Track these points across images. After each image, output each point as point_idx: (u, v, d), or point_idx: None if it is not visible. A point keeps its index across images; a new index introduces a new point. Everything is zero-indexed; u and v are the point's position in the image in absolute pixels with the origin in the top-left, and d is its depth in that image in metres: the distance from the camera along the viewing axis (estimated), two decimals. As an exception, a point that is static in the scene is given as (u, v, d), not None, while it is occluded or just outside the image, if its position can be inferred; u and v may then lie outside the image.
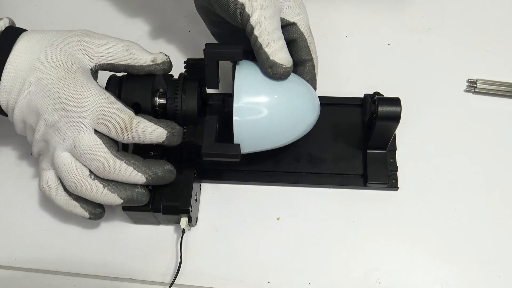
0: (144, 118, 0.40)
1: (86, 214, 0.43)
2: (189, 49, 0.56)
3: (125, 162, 0.40)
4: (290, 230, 0.47)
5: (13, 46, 0.39)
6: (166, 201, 0.44)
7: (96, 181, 0.40)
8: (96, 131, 0.39)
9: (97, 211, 0.44)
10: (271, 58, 0.40)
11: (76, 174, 0.39)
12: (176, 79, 0.44)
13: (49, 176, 0.41)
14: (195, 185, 0.46)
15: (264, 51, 0.40)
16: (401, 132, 0.50)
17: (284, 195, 0.49)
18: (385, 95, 0.52)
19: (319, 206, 0.48)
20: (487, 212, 0.47)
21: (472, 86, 0.52)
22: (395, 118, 0.43)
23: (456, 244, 0.46)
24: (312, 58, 0.44)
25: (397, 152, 0.49)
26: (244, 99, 0.40)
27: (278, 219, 0.48)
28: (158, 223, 0.48)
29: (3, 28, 0.40)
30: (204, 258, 0.46)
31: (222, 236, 0.47)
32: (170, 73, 0.46)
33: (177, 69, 0.45)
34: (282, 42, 0.41)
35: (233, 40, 0.47)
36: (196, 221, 0.48)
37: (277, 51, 0.40)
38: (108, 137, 0.40)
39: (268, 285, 0.45)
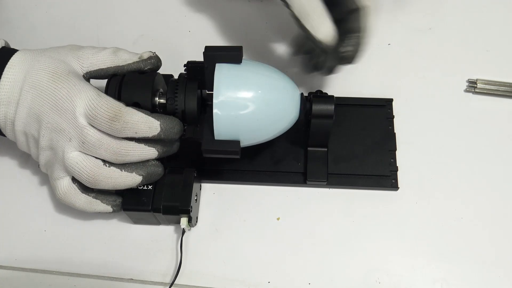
0: (134, 108, 0.40)
1: (109, 208, 0.44)
2: (189, 49, 0.56)
3: (135, 141, 0.41)
4: (290, 230, 0.47)
5: (8, 61, 0.40)
6: (166, 201, 0.44)
7: (112, 167, 0.41)
8: None
9: (118, 202, 0.44)
10: (315, 36, 0.40)
11: (92, 167, 0.40)
12: (176, 79, 0.44)
13: (64, 184, 0.42)
14: (195, 185, 0.46)
15: (306, 28, 0.40)
16: (401, 132, 0.50)
17: (284, 195, 0.49)
18: (385, 95, 0.52)
19: (319, 206, 0.48)
20: (487, 212, 0.47)
21: (472, 86, 0.52)
22: (329, 116, 0.44)
23: (456, 244, 0.46)
24: (361, 7, 0.42)
25: (397, 152, 0.49)
26: (224, 93, 0.40)
27: (278, 219, 0.48)
28: (158, 223, 0.48)
29: None
30: (204, 258, 0.47)
31: (222, 236, 0.47)
32: (170, 73, 0.46)
33: (177, 70, 0.45)
34: (325, 14, 0.40)
35: None
36: (196, 221, 0.48)
37: (319, 24, 0.40)
38: None
39: (268, 285, 0.45)
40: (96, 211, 0.44)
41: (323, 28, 0.40)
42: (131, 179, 0.42)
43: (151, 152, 0.42)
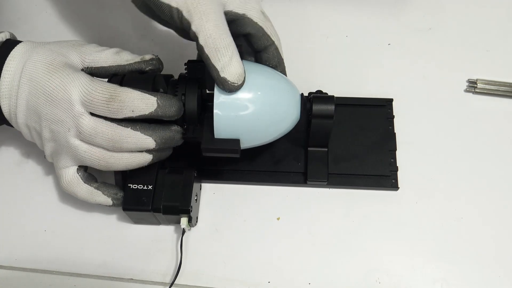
0: (130, 87, 0.40)
1: (110, 201, 0.44)
2: (189, 49, 0.56)
3: (131, 128, 0.40)
4: (290, 230, 0.47)
5: (9, 53, 0.40)
6: (166, 201, 0.44)
7: None
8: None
9: (119, 196, 0.45)
10: (221, 76, 0.38)
11: (101, 152, 0.40)
12: (176, 79, 0.44)
13: (68, 173, 0.42)
14: (195, 185, 0.46)
15: (214, 66, 0.38)
16: (401, 132, 0.50)
17: (284, 195, 0.49)
18: (385, 95, 0.52)
19: (319, 206, 0.48)
20: (487, 212, 0.47)
21: (472, 86, 0.52)
22: (329, 116, 0.44)
23: (456, 244, 0.46)
24: (273, 42, 0.42)
25: (397, 152, 0.49)
26: (224, 93, 0.40)
27: (278, 219, 0.48)
28: (158, 223, 0.48)
29: (4, 39, 0.42)
30: (204, 258, 0.47)
31: (222, 236, 0.47)
32: (170, 73, 0.46)
33: (177, 70, 0.45)
34: (232, 50, 0.38)
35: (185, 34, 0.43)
36: (196, 221, 0.48)
37: (227, 65, 0.38)
38: None
39: (268, 285, 0.45)
40: (96, 202, 0.44)
41: (232, 69, 0.38)
42: (142, 157, 0.42)
43: (148, 141, 0.41)
